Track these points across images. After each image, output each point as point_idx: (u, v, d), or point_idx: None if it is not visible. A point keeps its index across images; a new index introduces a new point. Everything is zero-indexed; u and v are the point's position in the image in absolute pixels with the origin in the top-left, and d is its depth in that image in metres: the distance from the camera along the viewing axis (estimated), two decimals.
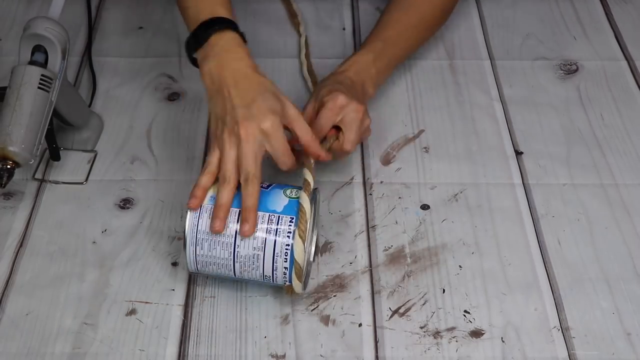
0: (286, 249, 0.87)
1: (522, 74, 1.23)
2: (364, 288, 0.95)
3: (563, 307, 0.93)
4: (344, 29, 1.31)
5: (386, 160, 1.10)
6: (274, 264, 0.88)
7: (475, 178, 1.07)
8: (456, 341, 0.90)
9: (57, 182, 1.07)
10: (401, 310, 0.93)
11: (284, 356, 0.89)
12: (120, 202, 1.04)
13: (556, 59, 1.25)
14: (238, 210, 0.88)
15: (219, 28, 0.95)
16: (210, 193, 0.89)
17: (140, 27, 1.31)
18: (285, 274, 0.88)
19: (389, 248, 0.99)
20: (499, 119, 1.15)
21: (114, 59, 1.25)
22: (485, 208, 1.04)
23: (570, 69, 1.24)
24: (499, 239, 1.00)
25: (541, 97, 1.19)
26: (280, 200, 0.89)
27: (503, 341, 0.90)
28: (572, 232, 1.01)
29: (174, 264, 0.97)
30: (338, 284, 0.95)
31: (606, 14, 1.34)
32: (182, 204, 1.03)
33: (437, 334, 0.91)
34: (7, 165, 0.95)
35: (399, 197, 1.05)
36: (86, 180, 1.07)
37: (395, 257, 0.98)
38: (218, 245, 0.88)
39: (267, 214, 0.88)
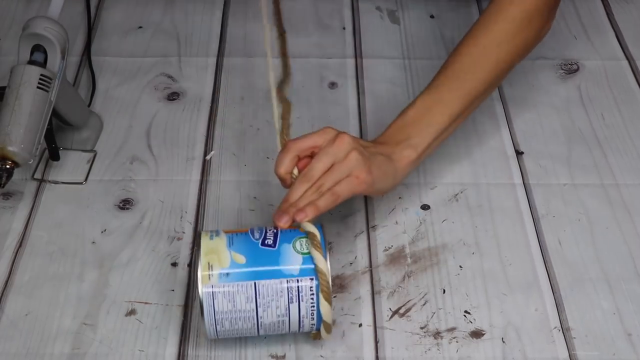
0: (312, 310, 0.84)
1: (522, 73, 1.22)
2: (364, 288, 0.95)
3: (564, 308, 0.93)
4: (344, 28, 1.31)
5: None
6: (301, 323, 0.85)
7: (475, 178, 1.07)
8: (456, 342, 0.90)
9: (56, 182, 1.06)
10: (401, 311, 0.93)
11: (283, 357, 0.88)
12: (120, 202, 1.04)
13: (557, 58, 1.25)
14: (253, 282, 0.83)
15: None
16: (218, 267, 0.84)
17: (140, 27, 1.31)
18: (312, 327, 0.86)
19: (389, 248, 0.99)
20: (500, 118, 1.15)
21: (113, 59, 1.25)
22: (485, 208, 1.04)
23: (570, 69, 1.24)
24: (500, 239, 1.00)
25: (542, 96, 1.19)
26: (293, 259, 0.84)
27: (503, 341, 0.90)
28: (572, 232, 1.01)
29: (174, 265, 0.97)
30: (338, 285, 0.95)
31: (607, 13, 1.34)
32: (182, 204, 1.03)
33: (437, 334, 0.90)
34: (6, 165, 0.95)
35: (399, 197, 1.05)
36: (85, 180, 1.07)
37: (396, 258, 0.98)
38: (240, 320, 0.84)
39: (285, 280, 0.83)
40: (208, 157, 1.10)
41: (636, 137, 1.13)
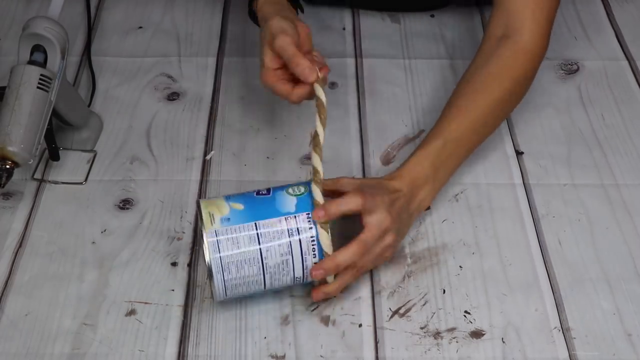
0: (312, 244, 0.87)
1: None
2: (364, 288, 0.95)
3: (564, 308, 0.93)
4: (344, 28, 1.31)
5: (386, 160, 1.10)
6: (304, 263, 0.88)
7: (475, 178, 1.07)
8: (456, 342, 0.90)
9: (56, 182, 1.06)
10: (401, 311, 0.93)
11: (283, 357, 0.88)
12: (120, 202, 1.04)
13: (557, 58, 1.25)
14: (254, 223, 0.87)
15: None
16: (219, 215, 0.87)
17: (140, 27, 1.31)
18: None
19: None
20: None
21: (113, 59, 1.25)
22: (485, 208, 1.04)
23: (571, 69, 1.24)
24: (500, 239, 1.00)
25: (542, 97, 1.19)
26: (287, 201, 0.88)
27: (503, 342, 0.90)
28: (572, 232, 1.01)
29: (174, 264, 0.97)
30: None
31: (607, 13, 1.34)
32: (182, 204, 1.03)
33: (437, 334, 0.90)
34: (6, 165, 0.95)
35: None
36: (85, 180, 1.07)
37: (396, 258, 0.98)
38: (245, 263, 0.87)
39: (283, 218, 0.87)
40: (208, 157, 1.10)
41: (636, 137, 1.13)
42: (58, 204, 1.04)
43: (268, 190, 0.90)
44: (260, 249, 0.87)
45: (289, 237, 0.87)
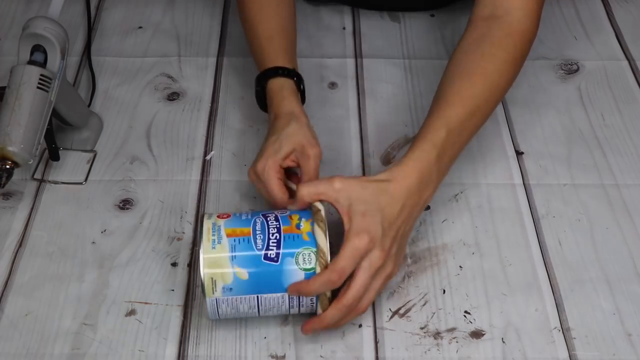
0: (311, 309, 0.88)
1: (522, 73, 1.21)
2: None
3: (564, 308, 0.93)
4: (344, 28, 1.31)
5: (386, 160, 1.10)
6: (300, 307, 0.88)
7: (475, 178, 1.07)
8: (456, 342, 0.90)
9: (56, 182, 1.06)
10: (401, 311, 0.93)
11: (283, 357, 0.88)
12: (120, 202, 1.04)
13: (557, 58, 1.25)
14: (256, 296, 0.85)
15: (269, 77, 1.04)
16: (222, 283, 0.85)
17: (140, 27, 1.31)
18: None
19: None
20: (500, 119, 1.15)
21: (113, 59, 1.25)
22: (485, 208, 1.04)
23: (571, 69, 1.24)
24: (500, 240, 1.00)
25: (542, 97, 1.19)
26: (295, 276, 0.85)
27: (504, 342, 0.90)
28: (572, 233, 1.01)
29: (174, 265, 0.97)
30: None
31: (607, 13, 1.34)
32: (182, 204, 1.03)
33: (437, 334, 0.90)
34: (6, 165, 0.95)
35: None
36: (85, 180, 1.07)
37: None
38: (242, 316, 0.89)
39: (287, 294, 0.86)
40: (208, 157, 1.10)
41: (636, 137, 1.13)
42: (58, 204, 1.04)
43: (277, 253, 0.85)
44: (258, 313, 0.88)
45: (289, 308, 0.87)
